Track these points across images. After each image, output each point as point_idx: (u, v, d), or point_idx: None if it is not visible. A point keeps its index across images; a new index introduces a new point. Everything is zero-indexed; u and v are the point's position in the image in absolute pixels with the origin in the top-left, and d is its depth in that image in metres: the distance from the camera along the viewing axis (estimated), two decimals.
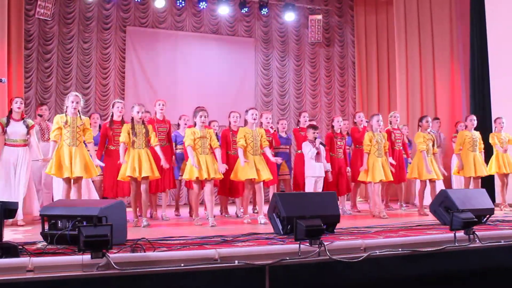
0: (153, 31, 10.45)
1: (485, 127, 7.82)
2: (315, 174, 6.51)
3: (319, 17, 11.57)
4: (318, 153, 6.51)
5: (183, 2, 10.39)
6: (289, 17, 11.23)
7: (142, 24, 10.40)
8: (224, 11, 10.66)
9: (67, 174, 5.21)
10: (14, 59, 8.15)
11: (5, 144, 5.88)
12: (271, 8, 11.31)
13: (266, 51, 11.42)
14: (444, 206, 4.85)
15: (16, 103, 5.95)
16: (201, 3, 10.47)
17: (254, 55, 11.32)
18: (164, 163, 5.79)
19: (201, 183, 5.68)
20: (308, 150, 6.55)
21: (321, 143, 6.61)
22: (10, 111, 5.96)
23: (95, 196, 6.55)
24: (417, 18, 10.33)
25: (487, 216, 5.07)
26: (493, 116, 8.11)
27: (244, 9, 10.89)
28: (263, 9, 11.04)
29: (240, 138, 5.81)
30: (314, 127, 6.70)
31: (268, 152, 6.02)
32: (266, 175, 5.80)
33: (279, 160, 6.28)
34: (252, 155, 5.80)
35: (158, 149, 5.78)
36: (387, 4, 11.31)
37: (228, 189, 6.62)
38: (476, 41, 9.26)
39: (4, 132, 5.86)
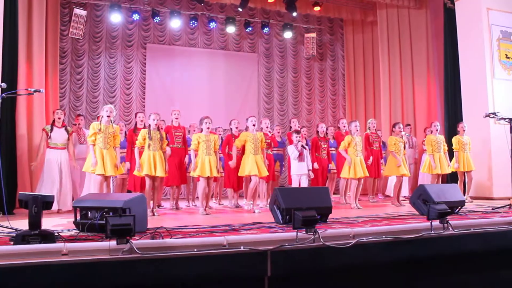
0: (169, 47, 10.45)
1: (456, 131, 7.77)
2: (298, 172, 6.54)
3: (313, 35, 11.57)
4: (300, 154, 6.50)
5: (195, 22, 10.40)
6: (287, 35, 11.23)
7: (160, 42, 10.41)
8: (231, 30, 10.66)
9: (100, 171, 5.36)
10: (50, 72, 8.16)
11: (48, 146, 6.25)
12: (272, 27, 11.31)
13: (267, 64, 11.40)
14: (422, 199, 4.84)
15: (57, 114, 6.43)
16: (211, 23, 10.53)
17: (257, 68, 11.30)
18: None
19: (207, 178, 5.74)
20: (291, 151, 6.57)
21: (302, 146, 6.58)
22: (53, 121, 6.39)
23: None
24: (398, 36, 10.37)
25: (459, 207, 5.05)
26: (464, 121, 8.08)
27: (249, 28, 10.90)
28: (265, 28, 11.06)
29: (238, 140, 6.02)
30: (297, 132, 6.70)
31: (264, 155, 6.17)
32: (264, 172, 6.00)
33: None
34: (253, 155, 5.92)
35: (165, 155, 5.83)
36: (372, 24, 11.31)
37: (234, 183, 6.81)
38: (449, 55, 9.23)
39: (49, 137, 6.24)
